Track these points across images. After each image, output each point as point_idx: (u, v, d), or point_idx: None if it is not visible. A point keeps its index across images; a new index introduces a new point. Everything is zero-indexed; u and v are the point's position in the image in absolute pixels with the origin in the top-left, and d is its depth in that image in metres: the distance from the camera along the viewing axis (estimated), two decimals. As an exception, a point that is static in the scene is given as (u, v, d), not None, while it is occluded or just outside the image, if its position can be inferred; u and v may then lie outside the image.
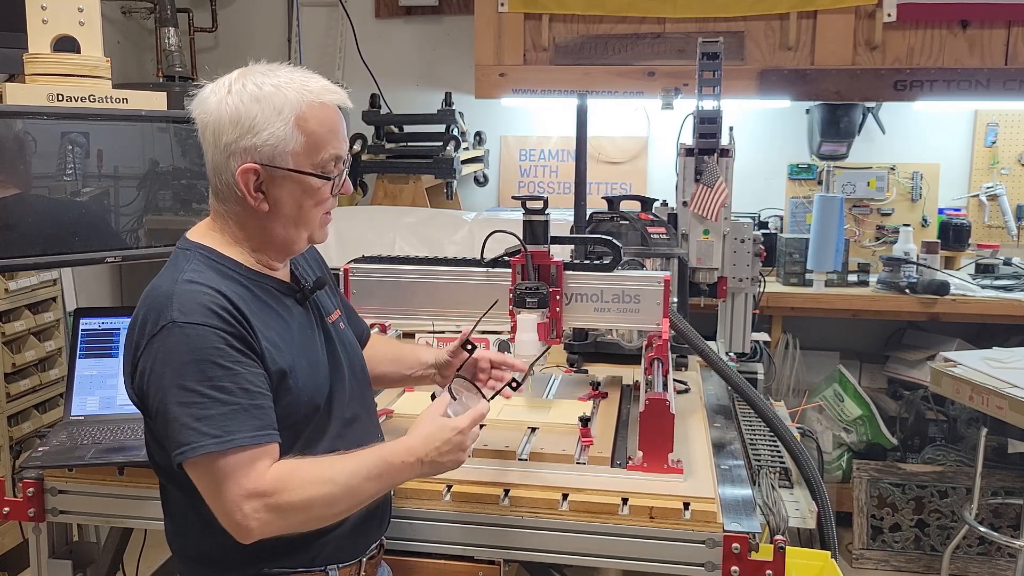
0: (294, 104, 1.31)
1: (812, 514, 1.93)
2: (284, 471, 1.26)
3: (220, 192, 1.37)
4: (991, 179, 3.87)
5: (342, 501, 1.30)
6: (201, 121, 1.34)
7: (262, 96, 1.31)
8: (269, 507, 1.24)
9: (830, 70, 3.48)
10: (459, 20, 4.18)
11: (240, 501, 1.23)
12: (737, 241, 2.59)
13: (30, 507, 1.76)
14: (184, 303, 1.26)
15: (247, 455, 1.23)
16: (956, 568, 3.37)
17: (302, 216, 1.38)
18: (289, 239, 1.40)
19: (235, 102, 1.31)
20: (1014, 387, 2.64)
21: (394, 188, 3.83)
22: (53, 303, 3.23)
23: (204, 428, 1.22)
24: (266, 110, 1.30)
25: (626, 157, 4.15)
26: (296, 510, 1.26)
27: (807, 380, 3.81)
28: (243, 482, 1.23)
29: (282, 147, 1.31)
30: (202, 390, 1.23)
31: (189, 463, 1.24)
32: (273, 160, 1.32)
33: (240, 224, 1.38)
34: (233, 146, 1.31)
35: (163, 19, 3.90)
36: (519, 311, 1.81)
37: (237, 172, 1.31)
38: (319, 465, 1.30)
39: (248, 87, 1.31)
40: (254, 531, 1.24)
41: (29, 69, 2.10)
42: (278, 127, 1.30)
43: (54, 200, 2.00)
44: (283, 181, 1.34)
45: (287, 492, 1.25)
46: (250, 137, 1.30)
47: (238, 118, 1.30)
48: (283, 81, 1.33)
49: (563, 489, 1.58)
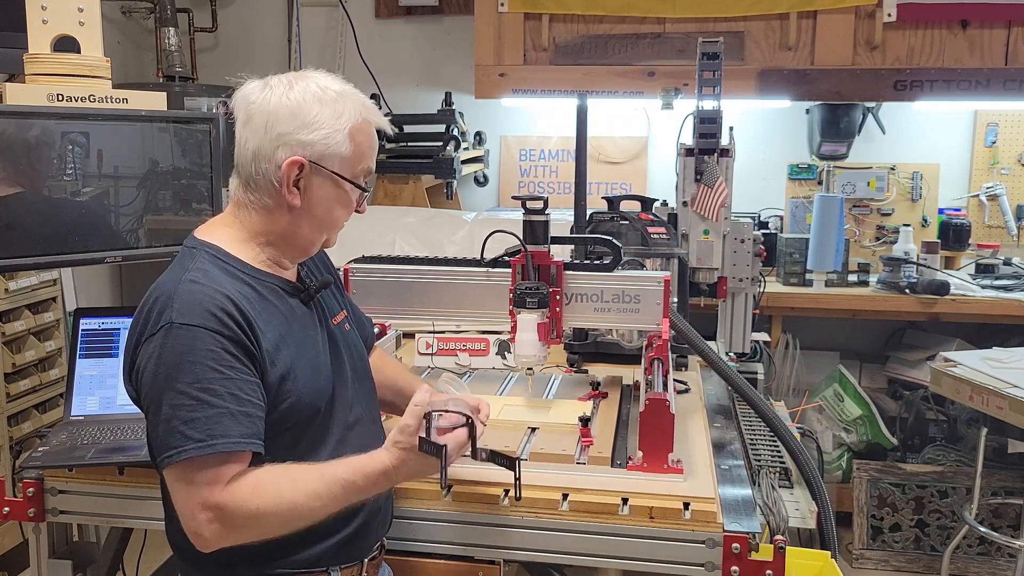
0: (352, 114, 1.38)
1: (812, 514, 1.93)
2: (246, 484, 1.26)
3: (252, 181, 1.38)
4: (991, 179, 3.87)
5: (301, 520, 1.30)
6: (248, 111, 1.37)
7: (326, 99, 1.37)
8: (224, 520, 1.24)
9: (830, 70, 3.48)
10: (459, 20, 4.18)
11: (196, 511, 1.24)
12: (737, 241, 2.59)
13: (30, 507, 1.76)
14: (184, 304, 1.27)
15: (218, 461, 1.24)
16: (956, 568, 3.37)
17: (329, 219, 1.42)
18: (310, 240, 1.43)
19: (297, 98, 1.36)
20: (1014, 387, 2.64)
21: (394, 188, 3.83)
22: (53, 303, 3.23)
23: (189, 431, 1.23)
24: (327, 112, 1.36)
25: (626, 157, 4.15)
26: (250, 526, 1.27)
27: (807, 380, 3.81)
28: (204, 491, 1.23)
29: (333, 149, 1.37)
30: (192, 392, 1.23)
31: (170, 466, 1.25)
32: (322, 159, 1.36)
33: (265, 216, 1.39)
34: (287, 137, 1.34)
35: (163, 19, 3.90)
36: (519, 311, 1.81)
37: (284, 162, 1.34)
38: (284, 481, 1.28)
39: (311, 88, 1.37)
40: (209, 541, 1.26)
41: (29, 69, 2.10)
42: (336, 129, 1.36)
43: (54, 200, 2.00)
44: (323, 182, 1.38)
45: (243, 507, 1.25)
46: (307, 132, 1.35)
47: (298, 112, 1.35)
48: (346, 90, 1.40)
49: (563, 489, 1.58)
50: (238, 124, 1.38)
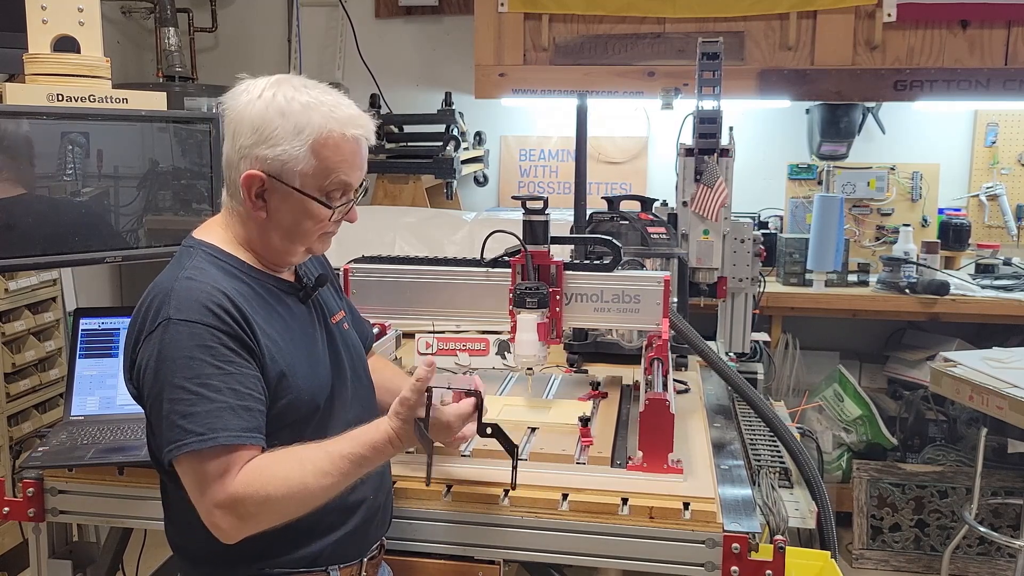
0: (316, 128, 1.32)
1: (812, 514, 1.93)
2: (252, 472, 1.25)
3: (229, 188, 1.39)
4: (991, 179, 3.87)
5: (315, 499, 1.29)
6: (226, 116, 1.36)
7: (288, 111, 1.32)
8: (239, 513, 1.24)
9: (830, 70, 3.48)
10: (459, 20, 4.18)
11: (211, 507, 1.24)
12: (737, 241, 2.59)
13: (30, 507, 1.76)
14: (181, 300, 1.27)
15: (226, 457, 1.24)
16: (956, 568, 3.37)
17: (298, 231, 1.39)
18: (284, 249, 1.41)
19: (260, 109, 1.32)
20: (1014, 387, 2.64)
21: (394, 188, 3.83)
22: (53, 303, 3.23)
23: (189, 425, 1.23)
24: (287, 126, 1.32)
25: (626, 157, 4.15)
26: (265, 514, 1.26)
27: (807, 380, 3.81)
28: (216, 487, 1.24)
29: (291, 165, 1.33)
30: (191, 387, 1.24)
31: (177, 461, 1.25)
32: (280, 175, 1.33)
33: (243, 224, 1.40)
34: (246, 150, 1.33)
35: (163, 19, 3.90)
36: (519, 311, 1.81)
37: (243, 175, 1.33)
38: (291, 464, 1.27)
39: (278, 98, 1.33)
40: (229, 534, 1.26)
41: (29, 69, 2.10)
42: (294, 146, 1.32)
43: (54, 200, 2.00)
44: (285, 196, 1.35)
45: (253, 495, 1.24)
46: (264, 147, 1.32)
47: (259, 125, 1.32)
48: (313, 101, 1.33)
49: (563, 489, 1.58)
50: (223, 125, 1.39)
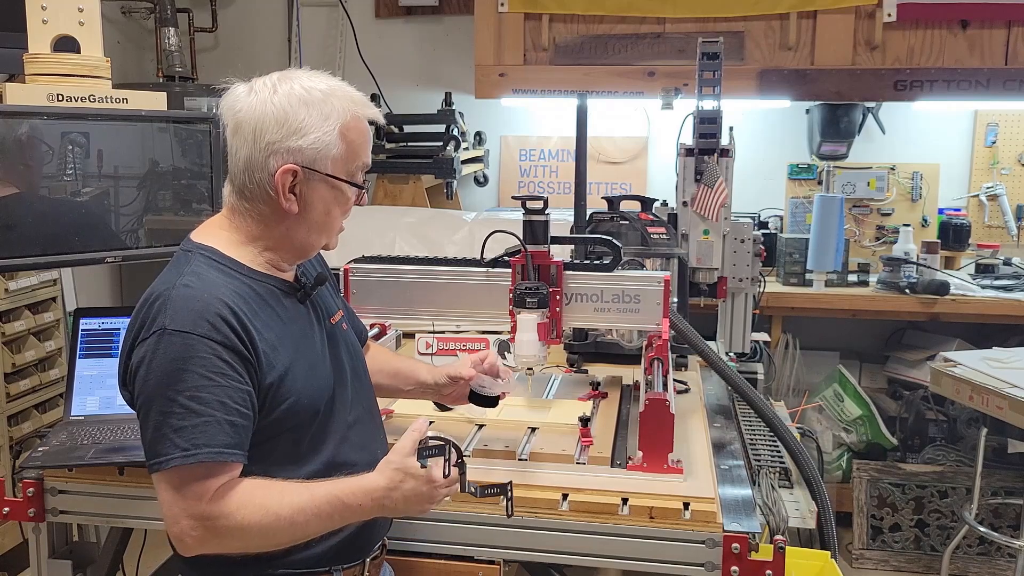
0: (340, 113, 1.35)
1: (812, 514, 1.93)
2: (235, 497, 1.26)
3: (247, 190, 1.36)
4: (991, 179, 3.87)
5: (283, 535, 1.29)
6: (236, 119, 1.34)
7: (311, 100, 1.33)
8: (208, 528, 1.25)
9: (830, 70, 3.48)
10: (459, 20, 4.18)
11: (180, 516, 1.24)
12: (737, 241, 2.59)
13: (30, 507, 1.76)
14: (176, 309, 1.26)
15: (204, 471, 1.24)
16: (956, 568, 3.37)
17: (328, 221, 1.41)
18: (309, 243, 1.42)
19: (282, 102, 1.32)
20: (1014, 387, 2.64)
21: (394, 188, 3.83)
22: (53, 303, 3.23)
23: (176, 439, 1.23)
24: (314, 115, 1.33)
25: (626, 157, 4.15)
26: (233, 537, 1.27)
27: (807, 380, 3.81)
28: (189, 499, 1.24)
29: (325, 152, 1.34)
30: (181, 400, 1.23)
31: (158, 473, 1.25)
32: (314, 164, 1.34)
33: (262, 223, 1.38)
34: (276, 145, 1.32)
35: (163, 19, 3.90)
36: (519, 311, 1.81)
37: (277, 172, 1.32)
38: (271, 494, 1.28)
39: (296, 90, 1.33)
40: (190, 547, 1.26)
41: (29, 69, 2.10)
42: (324, 132, 1.33)
43: (54, 200, 2.00)
44: (318, 185, 1.36)
45: (228, 518, 1.25)
46: (296, 139, 1.32)
47: (285, 118, 1.32)
48: (329, 88, 1.36)
49: (563, 489, 1.58)
50: (227, 133, 1.37)
